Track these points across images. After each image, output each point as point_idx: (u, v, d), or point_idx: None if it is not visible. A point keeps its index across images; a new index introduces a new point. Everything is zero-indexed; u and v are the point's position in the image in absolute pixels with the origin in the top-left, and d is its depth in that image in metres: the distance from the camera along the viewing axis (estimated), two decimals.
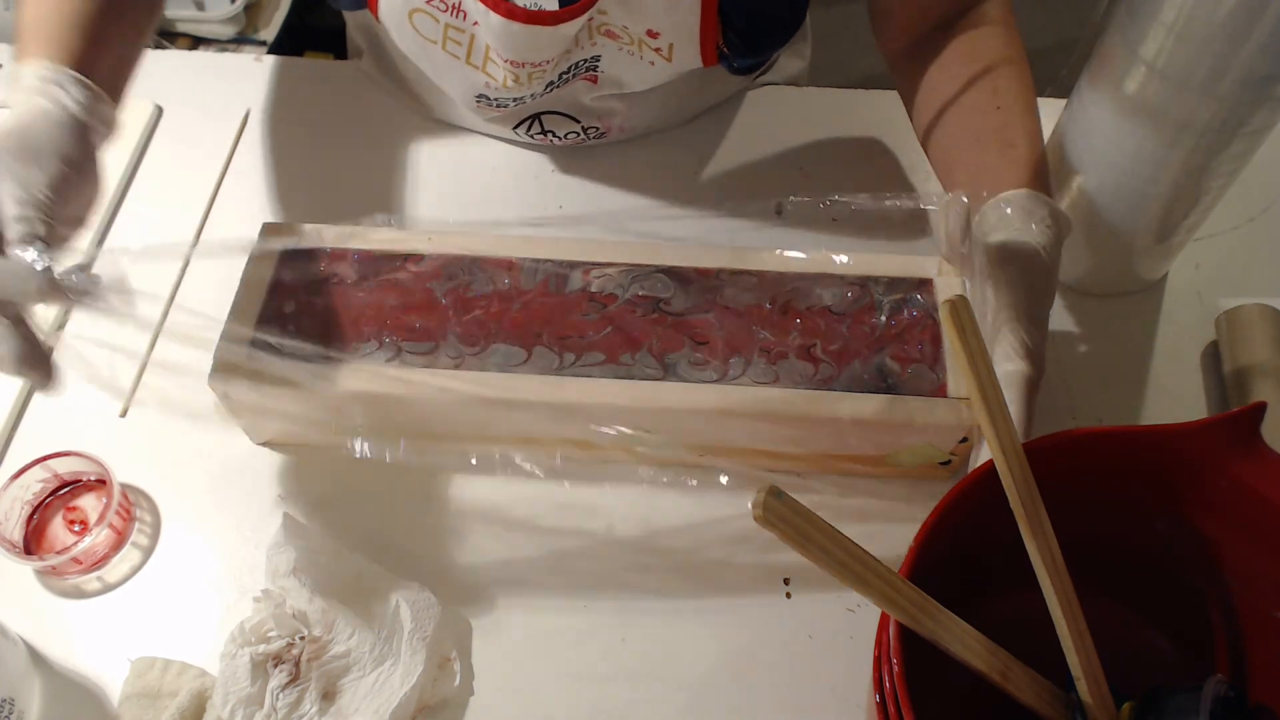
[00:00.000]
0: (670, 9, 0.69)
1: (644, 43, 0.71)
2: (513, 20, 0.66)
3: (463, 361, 0.62)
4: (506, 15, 0.66)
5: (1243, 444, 0.48)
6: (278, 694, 0.54)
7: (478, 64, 0.73)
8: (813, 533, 0.40)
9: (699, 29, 0.70)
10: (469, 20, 0.70)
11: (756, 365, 0.62)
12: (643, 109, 0.81)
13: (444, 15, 0.70)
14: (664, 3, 0.69)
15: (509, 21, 0.67)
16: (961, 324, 0.45)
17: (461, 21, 0.70)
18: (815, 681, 0.59)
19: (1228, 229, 0.80)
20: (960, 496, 0.48)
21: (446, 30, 0.71)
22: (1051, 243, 0.60)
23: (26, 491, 0.63)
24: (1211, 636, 0.55)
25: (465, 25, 0.70)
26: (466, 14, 0.69)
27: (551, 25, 0.67)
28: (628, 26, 0.70)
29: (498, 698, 0.59)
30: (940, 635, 0.44)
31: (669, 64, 0.73)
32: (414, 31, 0.72)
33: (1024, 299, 0.57)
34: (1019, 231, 0.60)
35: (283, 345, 0.62)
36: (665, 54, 0.72)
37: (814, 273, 0.66)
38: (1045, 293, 0.59)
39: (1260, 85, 0.57)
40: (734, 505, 0.65)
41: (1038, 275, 0.58)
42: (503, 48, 0.69)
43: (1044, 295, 0.59)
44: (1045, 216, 0.60)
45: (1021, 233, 0.59)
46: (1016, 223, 0.60)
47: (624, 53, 0.73)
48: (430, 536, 0.64)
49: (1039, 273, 0.58)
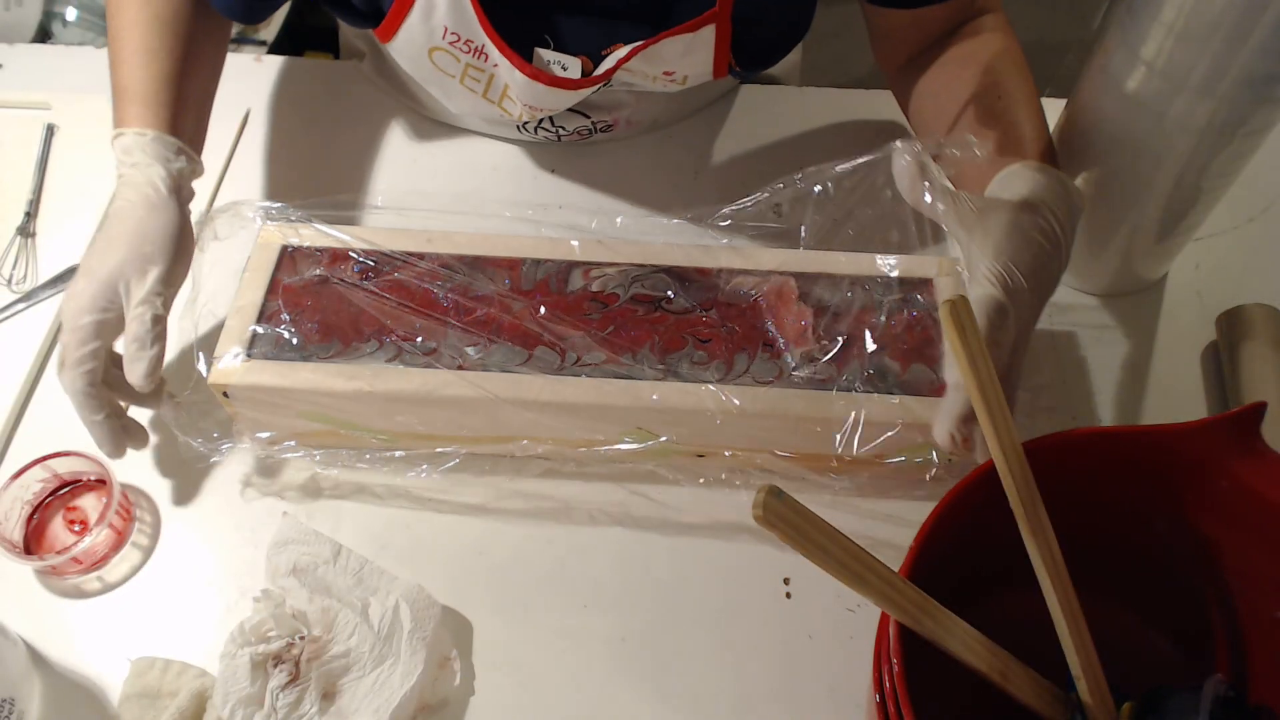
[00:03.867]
0: (685, 56, 0.71)
1: (658, 79, 0.74)
2: (537, 81, 0.69)
3: (464, 362, 0.62)
4: (531, 76, 0.69)
5: (1243, 444, 0.48)
6: (278, 694, 0.54)
7: (494, 99, 0.75)
8: (813, 533, 0.40)
9: (713, 62, 0.72)
10: (489, 62, 0.71)
11: (757, 365, 0.62)
12: (649, 103, 0.82)
13: (465, 56, 0.71)
14: (680, 55, 0.70)
15: (533, 82, 0.69)
16: (961, 324, 0.45)
17: (483, 63, 0.71)
18: (815, 681, 0.59)
19: (1228, 229, 0.80)
20: (960, 496, 0.48)
21: (467, 69, 0.72)
22: (1056, 202, 0.58)
23: (26, 491, 0.63)
24: (1211, 636, 0.55)
25: (486, 66, 0.72)
26: (488, 57, 0.70)
27: (573, 90, 0.70)
28: (646, 71, 0.72)
29: (498, 698, 0.59)
30: (940, 635, 0.44)
31: (681, 86, 0.75)
32: (432, 66, 0.73)
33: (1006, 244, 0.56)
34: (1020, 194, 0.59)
35: (283, 345, 0.62)
36: (679, 81, 0.74)
37: (814, 272, 0.66)
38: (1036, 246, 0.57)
39: (1260, 85, 0.57)
40: (734, 505, 0.65)
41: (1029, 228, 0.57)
42: (524, 96, 0.71)
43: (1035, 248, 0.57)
44: (1050, 182, 0.60)
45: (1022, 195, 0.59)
46: (1022, 189, 0.59)
47: (635, 78, 0.74)
48: (430, 536, 0.64)
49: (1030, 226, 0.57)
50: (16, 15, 1.27)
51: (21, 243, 0.78)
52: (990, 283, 0.55)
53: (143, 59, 0.66)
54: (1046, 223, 0.58)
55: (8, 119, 0.87)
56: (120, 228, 0.62)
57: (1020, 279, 0.55)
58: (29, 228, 0.79)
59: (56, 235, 0.79)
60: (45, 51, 1.00)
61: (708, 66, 0.72)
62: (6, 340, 0.73)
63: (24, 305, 0.75)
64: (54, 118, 0.86)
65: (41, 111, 0.87)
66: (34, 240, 0.79)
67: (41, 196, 0.82)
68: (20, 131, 0.85)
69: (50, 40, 1.31)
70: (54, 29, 1.31)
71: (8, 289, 0.76)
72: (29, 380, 0.71)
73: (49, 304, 0.75)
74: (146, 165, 0.63)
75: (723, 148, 0.86)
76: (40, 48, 1.03)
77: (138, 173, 0.63)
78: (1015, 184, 0.60)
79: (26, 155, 0.84)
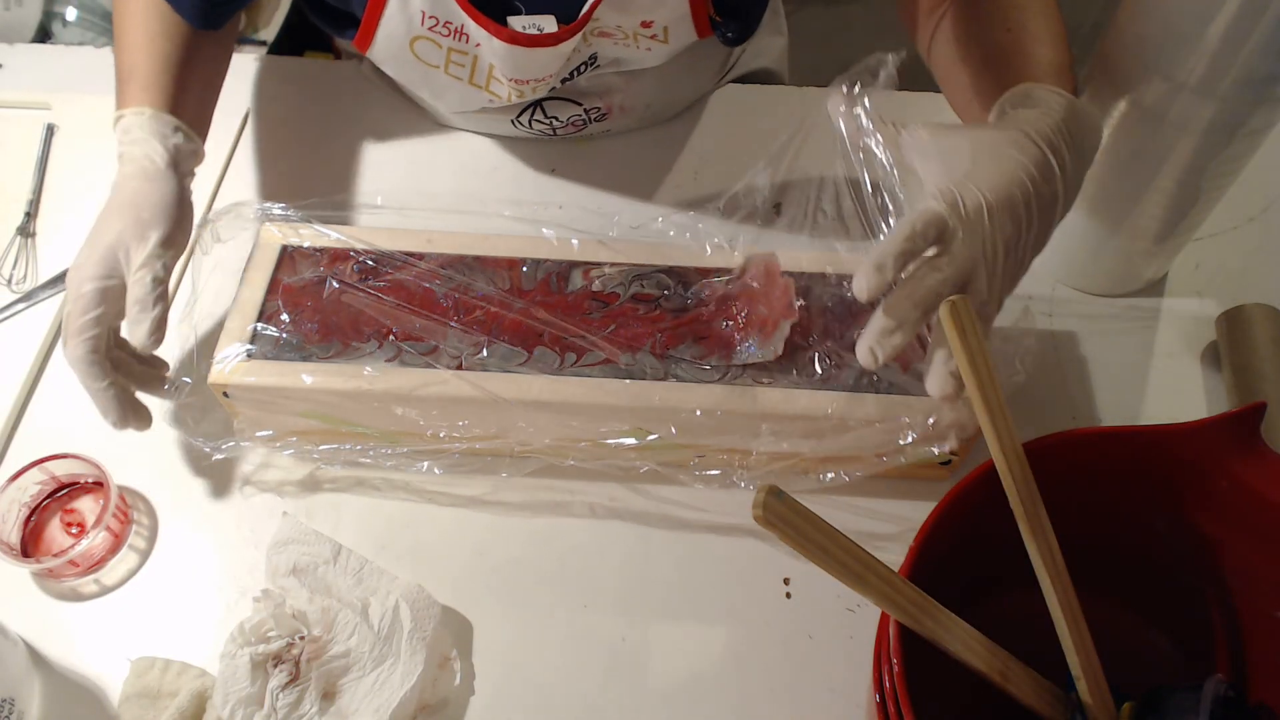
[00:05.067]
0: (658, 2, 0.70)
1: (638, 34, 0.73)
2: (516, 45, 0.68)
3: (464, 361, 0.62)
4: (510, 40, 0.68)
5: (1243, 444, 0.48)
6: (278, 694, 0.54)
7: (481, 84, 0.75)
8: (813, 533, 0.40)
9: (689, 7, 0.71)
10: (471, 43, 0.71)
11: (757, 365, 0.62)
12: (640, 86, 0.82)
13: (446, 40, 0.71)
14: None
15: (512, 46, 0.68)
16: (961, 324, 0.45)
17: (464, 44, 0.71)
18: (815, 681, 0.59)
19: (1228, 229, 0.80)
20: (960, 496, 0.48)
21: (450, 54, 0.72)
22: (1051, 125, 0.51)
23: (24, 494, 0.63)
24: (1211, 636, 0.55)
25: (468, 48, 0.71)
26: (469, 36, 0.70)
27: (553, 45, 0.69)
28: (621, 25, 0.71)
29: (498, 698, 0.59)
30: (940, 635, 0.44)
31: (666, 45, 0.74)
32: (415, 59, 0.73)
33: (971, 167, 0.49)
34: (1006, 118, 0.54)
35: (282, 345, 0.62)
36: (661, 37, 0.73)
37: (814, 272, 0.66)
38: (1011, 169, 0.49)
39: (1260, 85, 0.57)
40: (734, 505, 0.65)
41: (1004, 148, 0.50)
42: (507, 68, 0.71)
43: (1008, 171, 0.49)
44: (1047, 98, 0.53)
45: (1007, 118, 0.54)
46: (1010, 109, 0.54)
47: (619, 45, 0.74)
48: (430, 536, 0.64)
49: (1006, 146, 0.50)
50: (16, 15, 1.27)
51: (21, 243, 0.78)
52: (934, 198, 0.48)
53: (145, 44, 0.66)
54: (1028, 138, 0.51)
55: (8, 119, 0.87)
56: (118, 199, 0.62)
57: (978, 195, 0.48)
58: (29, 228, 0.79)
59: (56, 235, 0.79)
60: (45, 51, 1.00)
61: (685, 11, 0.71)
62: (6, 340, 0.73)
63: (24, 305, 0.75)
64: (54, 118, 0.86)
65: (41, 111, 0.87)
66: (34, 240, 0.79)
67: (41, 196, 0.82)
68: (20, 131, 0.85)
69: (50, 40, 1.31)
70: (54, 29, 1.31)
71: (7, 289, 0.76)
72: (28, 381, 0.71)
73: (49, 304, 0.75)
74: (144, 141, 0.63)
75: (721, 147, 0.86)
76: (40, 48, 1.03)
77: (135, 148, 0.63)
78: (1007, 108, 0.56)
79: (26, 155, 0.84)
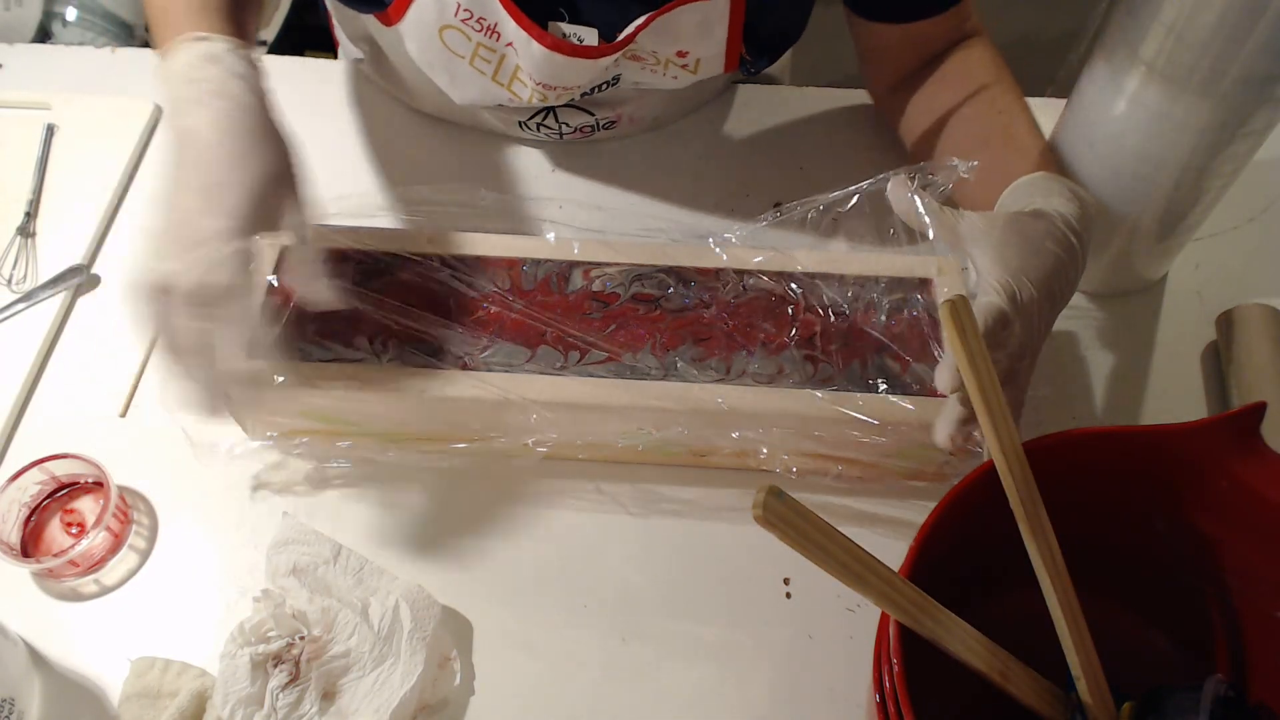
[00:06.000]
0: (702, 34, 0.71)
1: (670, 61, 0.73)
2: (557, 52, 0.68)
3: (465, 361, 0.62)
4: (552, 47, 0.68)
5: (1243, 444, 0.48)
6: (278, 694, 0.54)
7: (504, 82, 0.75)
8: (813, 533, 0.40)
9: (726, 45, 0.73)
10: (502, 41, 0.71)
11: (757, 364, 0.62)
12: (652, 100, 0.82)
13: (477, 35, 0.71)
14: (696, 29, 0.71)
15: (552, 53, 0.68)
16: (961, 324, 0.45)
17: (494, 42, 0.71)
18: (815, 681, 0.59)
19: (1228, 229, 0.80)
20: (960, 496, 0.48)
21: (478, 48, 0.72)
22: (1068, 209, 0.59)
23: (24, 494, 0.63)
24: (1211, 636, 0.55)
25: (498, 46, 0.71)
26: (501, 35, 0.70)
27: (593, 59, 0.70)
28: (657, 51, 0.72)
29: (498, 698, 0.59)
30: (940, 635, 0.44)
31: (694, 75, 0.75)
32: (442, 45, 0.73)
33: (1015, 256, 0.56)
34: (1031, 205, 0.60)
35: (282, 345, 0.62)
36: (691, 68, 0.74)
37: (814, 272, 0.66)
38: (1047, 254, 0.57)
39: (1260, 85, 0.57)
40: (734, 505, 0.65)
41: (1040, 237, 0.57)
42: (539, 73, 0.71)
43: (1046, 257, 0.57)
44: (1062, 190, 0.60)
45: (1034, 205, 0.59)
46: (1037, 200, 0.60)
47: (646, 70, 0.74)
48: (430, 536, 0.64)
49: (1042, 235, 0.57)
50: (16, 15, 1.27)
51: (21, 243, 0.78)
52: (996, 292, 0.55)
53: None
54: (1060, 230, 0.58)
55: (8, 119, 0.86)
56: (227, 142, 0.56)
57: (1030, 289, 0.55)
58: (29, 228, 0.79)
59: (56, 235, 0.79)
60: (45, 51, 0.99)
61: (720, 49, 0.72)
62: (6, 340, 0.73)
63: (24, 305, 0.75)
64: (54, 118, 0.86)
65: (41, 111, 0.87)
66: (34, 240, 0.79)
67: (41, 196, 0.82)
68: (20, 131, 0.85)
69: (50, 40, 1.31)
70: (54, 29, 1.31)
71: (7, 289, 0.76)
72: (28, 381, 0.71)
73: (49, 304, 0.75)
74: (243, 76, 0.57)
75: (722, 147, 0.86)
76: (40, 48, 1.03)
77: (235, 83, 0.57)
78: (1025, 195, 0.61)
79: (26, 155, 0.84)
